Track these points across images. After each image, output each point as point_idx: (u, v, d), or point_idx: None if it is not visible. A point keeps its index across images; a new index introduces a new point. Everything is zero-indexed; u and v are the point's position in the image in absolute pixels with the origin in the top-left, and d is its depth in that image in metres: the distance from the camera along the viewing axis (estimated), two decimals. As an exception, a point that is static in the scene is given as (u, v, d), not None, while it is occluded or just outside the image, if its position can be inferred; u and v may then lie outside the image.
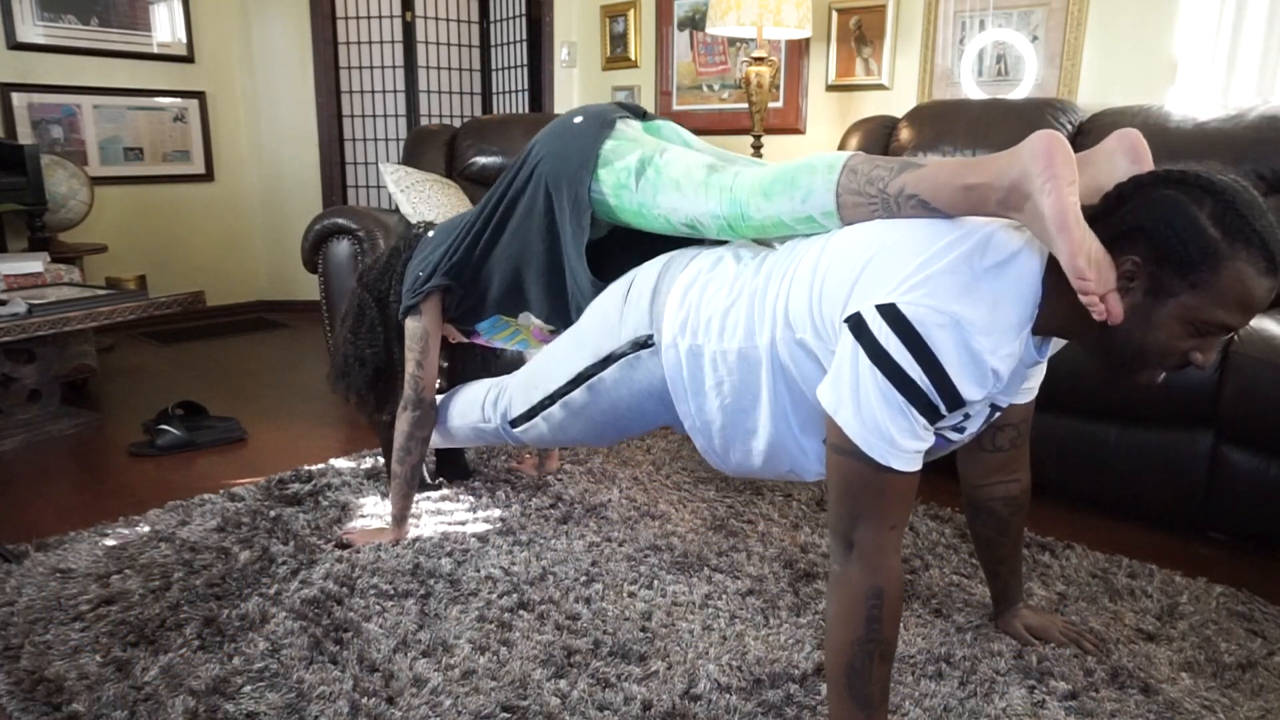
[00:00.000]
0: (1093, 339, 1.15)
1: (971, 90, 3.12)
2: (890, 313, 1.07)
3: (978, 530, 1.56)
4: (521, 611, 1.64)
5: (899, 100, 3.30)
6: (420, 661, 1.47)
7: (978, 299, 1.07)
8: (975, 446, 1.48)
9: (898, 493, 1.12)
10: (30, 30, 3.94)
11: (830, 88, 3.52)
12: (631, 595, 1.71)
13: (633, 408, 1.52)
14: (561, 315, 1.73)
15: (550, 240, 1.65)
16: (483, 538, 1.94)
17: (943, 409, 1.08)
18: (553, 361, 1.64)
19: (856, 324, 1.09)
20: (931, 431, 1.12)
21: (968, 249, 1.10)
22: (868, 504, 1.12)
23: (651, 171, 1.51)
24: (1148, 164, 1.19)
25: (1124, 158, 1.19)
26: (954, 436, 1.23)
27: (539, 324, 1.81)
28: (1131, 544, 1.95)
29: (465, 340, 2.08)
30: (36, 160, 3.54)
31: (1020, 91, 3.01)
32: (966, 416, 1.19)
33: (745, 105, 3.45)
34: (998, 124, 2.67)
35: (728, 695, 1.39)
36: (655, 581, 1.76)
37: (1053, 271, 1.11)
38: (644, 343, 1.44)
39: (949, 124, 2.77)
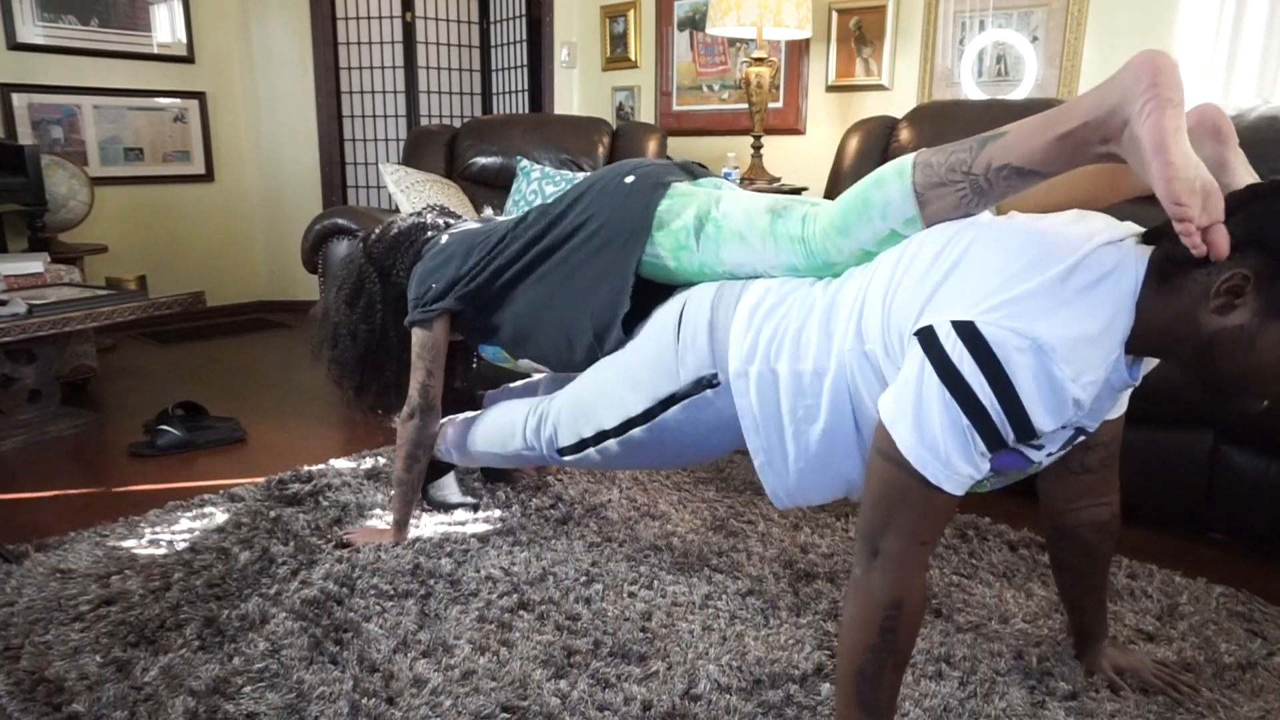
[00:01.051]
0: (1190, 360, 1.07)
1: (971, 91, 3.12)
2: (967, 331, 1.00)
3: (1062, 559, 1.45)
4: (521, 612, 1.64)
5: (899, 101, 3.30)
6: (420, 662, 1.47)
7: (1064, 322, 1.00)
8: (1061, 468, 1.38)
9: (938, 511, 1.08)
10: (30, 30, 3.94)
11: (830, 88, 3.52)
12: (631, 595, 1.71)
13: (699, 442, 1.46)
14: (564, 369, 1.71)
15: (582, 301, 1.60)
16: (483, 538, 1.94)
17: (1009, 439, 1.03)
18: (604, 396, 1.56)
19: (927, 338, 1.03)
20: (988, 460, 1.06)
21: (1059, 271, 1.02)
22: (903, 516, 1.08)
23: (711, 227, 1.44)
24: (1233, 143, 1.11)
25: (1207, 138, 1.11)
26: (1034, 455, 1.13)
27: (533, 367, 1.80)
28: (1131, 544, 1.95)
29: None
30: (36, 160, 3.54)
31: (1020, 92, 3.01)
32: (1040, 447, 1.13)
33: (745, 106, 3.45)
34: (998, 125, 2.65)
35: (728, 695, 1.39)
36: (655, 582, 1.76)
37: (1149, 287, 1.05)
38: (709, 382, 1.38)
39: (949, 124, 2.77)
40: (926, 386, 1.03)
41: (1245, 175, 1.13)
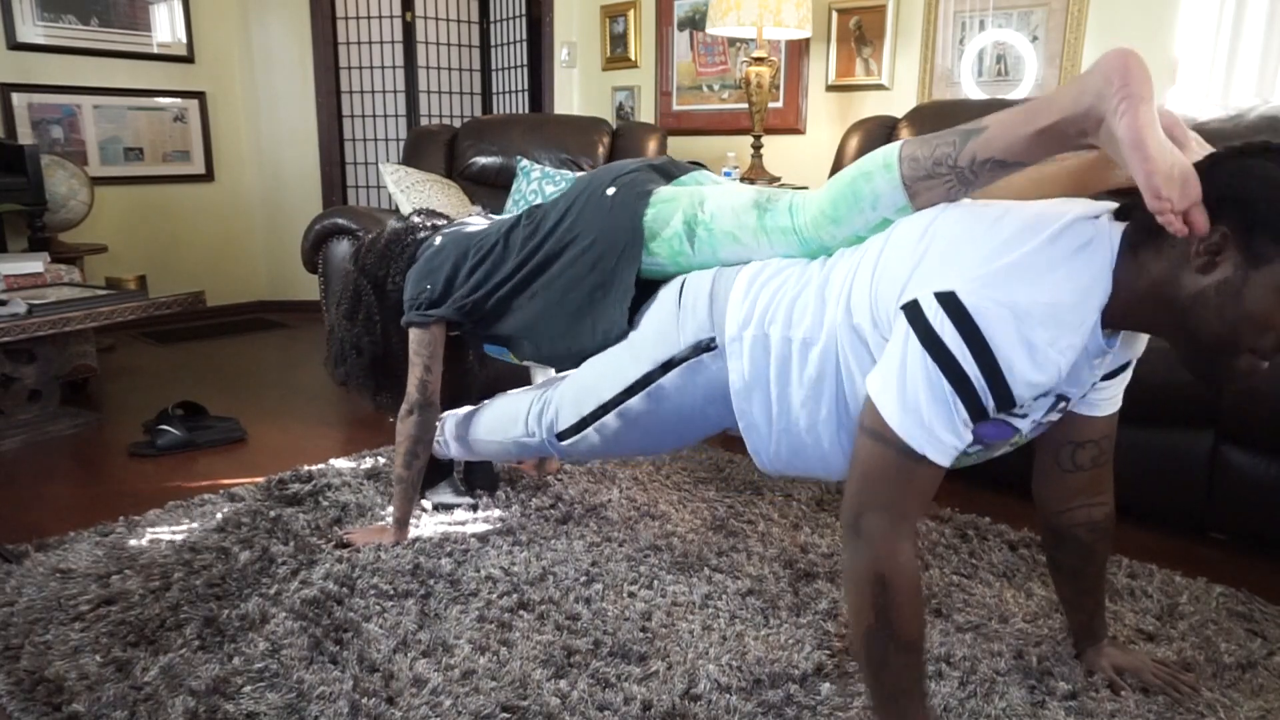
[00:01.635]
0: (1176, 326, 1.08)
1: (971, 90, 3.12)
2: (949, 301, 1.04)
3: (1059, 560, 1.46)
4: (521, 611, 1.64)
5: (899, 100, 3.30)
6: (420, 661, 1.47)
7: (1043, 290, 1.04)
8: (1054, 466, 1.39)
9: (920, 484, 1.10)
10: (30, 30, 3.94)
11: (830, 88, 3.52)
12: (631, 595, 1.71)
13: (695, 412, 1.47)
14: (566, 368, 1.73)
15: (581, 314, 1.62)
16: (483, 538, 1.94)
17: (990, 408, 1.06)
18: (605, 371, 1.58)
19: (913, 310, 1.07)
20: (970, 430, 1.09)
21: (1038, 243, 1.06)
22: (884, 491, 1.10)
23: (702, 230, 1.46)
24: (1187, 142, 1.14)
25: None
26: (1019, 424, 1.17)
27: (535, 365, 1.81)
28: (1131, 544, 1.95)
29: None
30: (36, 160, 3.54)
31: (1020, 91, 3.01)
32: (1023, 415, 1.16)
33: (745, 105, 3.45)
34: (998, 124, 2.66)
35: (728, 695, 1.39)
36: (655, 581, 1.76)
37: (1125, 258, 1.08)
38: (706, 346, 1.40)
39: (949, 124, 2.75)
40: (910, 356, 1.07)
41: None
